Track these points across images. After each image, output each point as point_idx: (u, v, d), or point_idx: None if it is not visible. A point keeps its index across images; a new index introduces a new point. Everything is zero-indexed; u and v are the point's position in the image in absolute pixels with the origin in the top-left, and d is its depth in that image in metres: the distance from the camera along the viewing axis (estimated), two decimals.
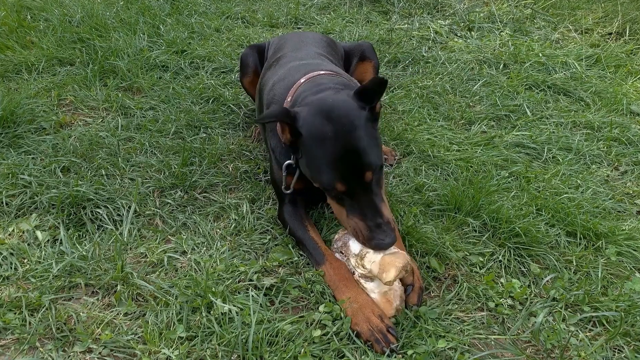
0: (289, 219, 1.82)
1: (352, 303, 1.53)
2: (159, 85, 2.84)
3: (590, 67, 3.34)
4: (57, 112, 2.56)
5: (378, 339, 1.44)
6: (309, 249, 1.73)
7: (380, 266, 1.51)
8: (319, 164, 1.56)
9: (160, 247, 1.79)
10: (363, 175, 1.53)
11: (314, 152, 1.57)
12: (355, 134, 1.53)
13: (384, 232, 1.52)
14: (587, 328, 1.58)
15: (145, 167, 2.19)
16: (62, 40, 3.19)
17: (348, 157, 1.52)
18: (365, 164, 1.53)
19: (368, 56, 2.58)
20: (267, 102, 1.95)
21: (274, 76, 2.03)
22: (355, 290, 1.56)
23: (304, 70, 1.91)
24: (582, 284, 1.70)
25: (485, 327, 1.56)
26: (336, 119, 1.55)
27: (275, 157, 1.86)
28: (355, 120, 1.55)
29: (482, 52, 3.44)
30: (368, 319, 1.48)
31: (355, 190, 1.54)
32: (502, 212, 1.94)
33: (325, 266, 1.66)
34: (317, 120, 1.56)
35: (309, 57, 2.15)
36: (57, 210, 1.91)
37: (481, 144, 2.47)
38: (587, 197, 2.11)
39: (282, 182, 1.78)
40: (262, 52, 2.54)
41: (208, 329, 1.49)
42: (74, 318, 1.51)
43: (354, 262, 1.60)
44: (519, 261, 1.81)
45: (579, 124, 2.72)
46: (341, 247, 1.67)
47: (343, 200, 1.58)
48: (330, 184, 1.55)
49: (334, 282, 1.62)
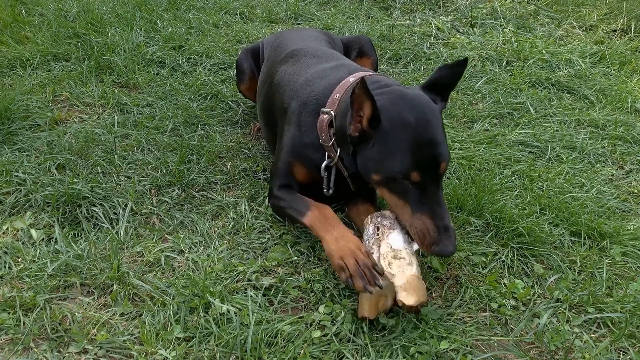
0: (277, 192, 1.86)
1: (338, 239, 1.53)
2: (156, 81, 2.83)
3: (595, 64, 3.34)
4: (52, 108, 2.55)
5: (362, 274, 1.45)
6: (294, 205, 1.76)
7: (407, 283, 1.46)
8: (395, 151, 1.53)
9: (157, 246, 1.79)
10: (439, 167, 1.53)
11: (392, 138, 1.54)
12: (434, 124, 1.55)
13: (449, 239, 1.49)
14: (592, 329, 1.58)
15: (142, 164, 2.18)
16: (57, 36, 3.18)
17: (427, 146, 1.52)
18: (442, 155, 1.53)
19: (367, 52, 2.57)
20: (300, 101, 1.88)
21: (302, 73, 1.98)
22: (342, 229, 1.58)
23: (345, 69, 1.88)
24: (587, 284, 1.70)
25: (488, 328, 1.56)
26: (417, 108, 1.56)
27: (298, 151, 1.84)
28: (434, 111, 1.58)
29: (485, 49, 3.44)
30: (354, 254, 1.48)
31: (427, 182, 1.52)
32: (505, 211, 1.94)
33: (310, 211, 1.69)
34: (398, 107, 1.56)
35: (326, 53, 2.13)
36: (52, 208, 1.90)
37: (484, 142, 2.46)
38: (591, 197, 2.11)
39: (286, 169, 1.84)
40: (256, 54, 2.52)
41: (206, 329, 1.48)
42: (69, 318, 1.51)
43: (384, 250, 1.53)
44: (522, 261, 1.81)
45: (583, 122, 2.71)
46: (383, 226, 1.59)
47: (408, 194, 1.54)
48: (404, 171, 1.51)
49: (319, 221, 1.63)
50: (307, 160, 1.84)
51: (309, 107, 1.85)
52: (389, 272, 1.49)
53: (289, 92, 1.96)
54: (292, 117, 1.89)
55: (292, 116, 1.89)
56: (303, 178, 1.88)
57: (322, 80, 1.88)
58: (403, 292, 1.46)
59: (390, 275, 1.49)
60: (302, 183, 1.87)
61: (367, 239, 1.62)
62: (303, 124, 1.85)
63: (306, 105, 1.86)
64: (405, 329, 1.50)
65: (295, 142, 1.86)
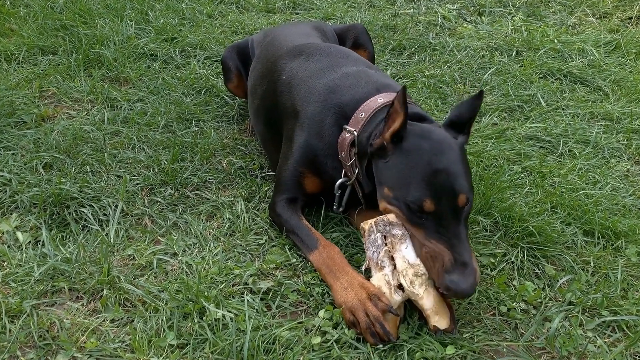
0: (281, 209, 1.84)
1: (346, 288, 1.53)
2: (148, 75, 2.83)
3: (609, 54, 3.33)
4: (38, 104, 2.55)
5: (374, 332, 1.45)
6: (301, 236, 1.75)
7: (435, 305, 1.44)
8: (410, 176, 1.54)
9: (149, 248, 1.79)
10: (456, 199, 1.50)
11: (408, 163, 1.56)
12: (451, 155, 1.57)
13: (466, 275, 1.40)
14: (606, 334, 1.58)
15: (133, 163, 2.18)
16: (43, 28, 3.18)
17: (443, 175, 1.52)
18: (460, 186, 1.52)
19: (362, 43, 2.56)
20: (321, 108, 1.86)
21: (320, 75, 1.94)
22: (350, 275, 1.57)
23: (372, 85, 1.85)
24: (601, 286, 1.70)
25: (496, 333, 1.56)
26: (435, 139, 1.60)
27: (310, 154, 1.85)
28: (452, 144, 1.61)
29: (494, 39, 3.43)
30: (364, 306, 1.47)
31: (444, 214, 1.49)
32: (514, 210, 1.94)
33: (318, 250, 1.68)
34: (418, 137, 1.60)
35: (338, 52, 2.10)
36: (38, 209, 1.90)
37: (492, 136, 2.46)
38: (605, 194, 2.11)
39: (295, 179, 1.85)
40: (242, 52, 2.51)
41: (200, 336, 1.48)
42: (57, 325, 1.51)
43: (402, 266, 1.47)
44: (533, 262, 1.81)
45: (597, 115, 2.71)
46: (393, 236, 1.53)
47: (422, 224, 1.51)
48: (417, 200, 1.50)
49: (327, 266, 1.63)
50: (323, 171, 1.84)
51: (331, 117, 1.84)
52: (412, 292, 1.45)
53: (303, 94, 1.92)
54: (307, 123, 1.87)
55: (308, 121, 1.87)
56: (314, 189, 1.87)
57: (347, 92, 1.85)
58: (435, 317, 1.45)
59: (415, 295, 1.45)
60: (311, 194, 1.86)
61: (375, 250, 1.54)
62: (325, 134, 1.83)
63: (328, 114, 1.85)
64: (410, 334, 1.50)
65: (310, 150, 1.85)
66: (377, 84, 1.86)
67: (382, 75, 2.01)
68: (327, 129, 1.83)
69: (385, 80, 1.93)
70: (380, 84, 1.86)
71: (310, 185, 1.87)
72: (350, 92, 1.85)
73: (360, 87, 1.86)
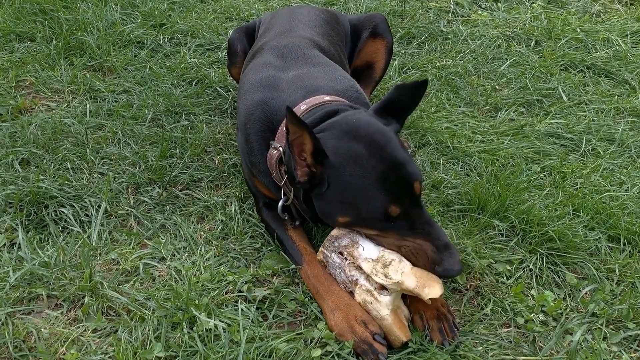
0: (266, 215, 1.88)
1: (333, 311, 1.55)
2: (134, 64, 2.84)
3: (636, 44, 3.33)
4: (15, 95, 2.55)
5: (365, 351, 1.47)
6: (288, 248, 1.78)
7: (419, 280, 1.48)
8: (360, 190, 1.53)
9: (134, 252, 1.79)
10: (413, 189, 1.53)
11: (349, 177, 1.53)
12: (391, 146, 1.57)
13: (453, 257, 1.49)
14: (632, 348, 1.58)
15: (118, 159, 2.19)
16: (20, 12, 3.18)
17: (392, 172, 1.53)
18: (412, 175, 1.54)
19: (381, 33, 2.56)
20: (246, 113, 1.87)
21: (256, 72, 1.95)
22: (336, 295, 1.58)
23: (302, 90, 1.81)
24: (627, 296, 1.70)
25: (513, 347, 1.56)
26: (365, 134, 1.57)
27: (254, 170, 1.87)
28: (385, 132, 1.59)
29: (511, 27, 3.43)
30: (352, 329, 1.50)
31: (408, 209, 1.53)
32: (533, 213, 1.94)
33: (303, 267, 1.70)
34: (344, 142, 1.56)
35: (298, 53, 2.04)
36: (15, 209, 1.90)
37: (509, 133, 2.46)
38: (632, 196, 2.11)
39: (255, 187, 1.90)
40: (251, 34, 2.53)
41: (190, 347, 1.48)
42: (35, 335, 1.51)
43: (369, 268, 1.54)
44: (553, 270, 1.81)
45: (622, 110, 2.71)
46: (345, 247, 1.60)
47: (393, 227, 1.54)
48: (381, 210, 1.51)
49: (313, 286, 1.64)
50: (266, 183, 1.84)
51: (255, 126, 1.83)
52: (392, 283, 1.49)
53: (240, 92, 1.96)
54: (240, 126, 1.91)
55: (241, 125, 1.91)
56: (272, 196, 1.86)
57: (276, 100, 1.81)
58: (425, 289, 1.47)
59: (396, 284, 1.49)
60: (278, 199, 1.81)
61: (340, 271, 1.60)
62: (254, 146, 1.82)
63: (252, 122, 1.84)
64: (418, 348, 1.50)
65: (249, 168, 1.89)
66: (307, 89, 1.82)
67: (327, 75, 1.93)
68: (256, 146, 1.82)
69: (323, 82, 1.87)
70: (311, 88, 1.82)
71: (270, 193, 1.86)
72: (275, 101, 1.82)
73: (291, 94, 1.82)
